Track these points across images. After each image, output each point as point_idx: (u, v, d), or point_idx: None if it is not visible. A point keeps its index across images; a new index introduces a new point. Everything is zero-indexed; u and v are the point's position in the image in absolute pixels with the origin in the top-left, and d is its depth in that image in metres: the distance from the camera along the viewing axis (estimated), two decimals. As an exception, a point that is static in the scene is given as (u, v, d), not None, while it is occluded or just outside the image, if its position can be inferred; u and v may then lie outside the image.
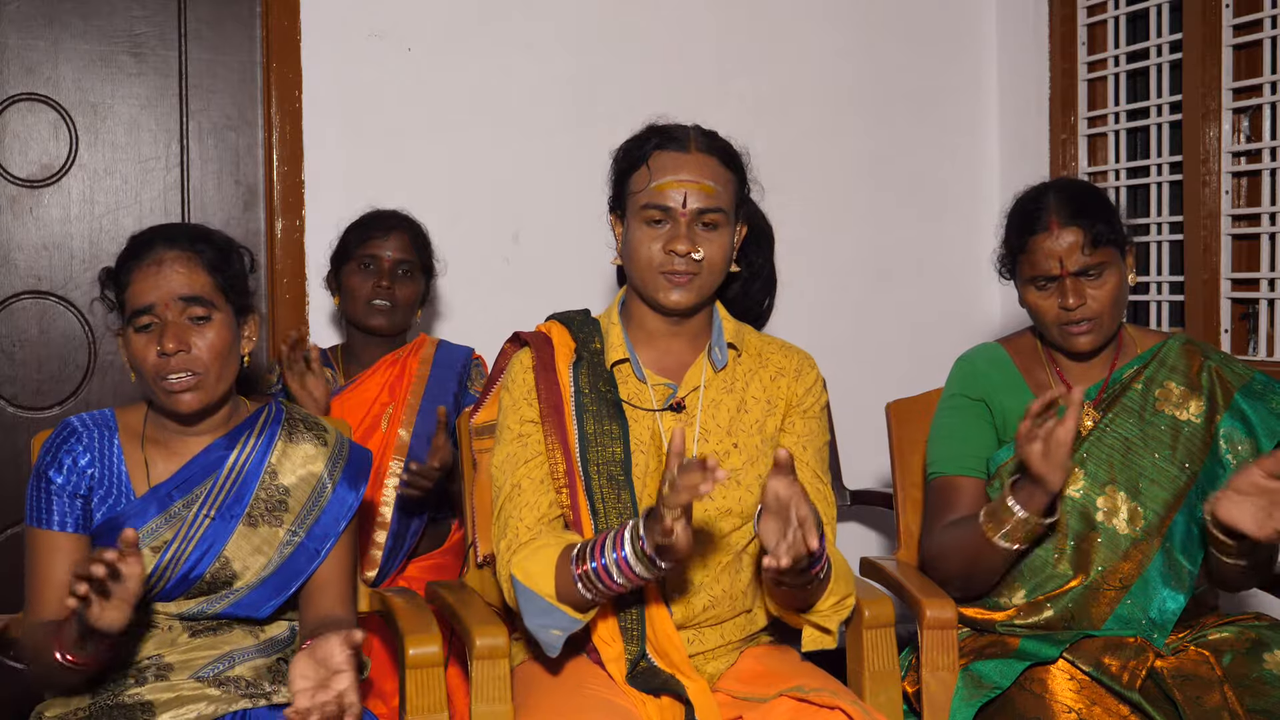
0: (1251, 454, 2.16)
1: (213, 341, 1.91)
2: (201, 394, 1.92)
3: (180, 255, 1.92)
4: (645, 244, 1.99)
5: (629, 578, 1.83)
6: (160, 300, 1.89)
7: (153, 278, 1.90)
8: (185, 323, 1.90)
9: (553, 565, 1.89)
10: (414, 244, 2.86)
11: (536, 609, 1.90)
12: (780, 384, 2.10)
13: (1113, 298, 2.16)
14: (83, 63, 3.16)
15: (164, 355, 1.88)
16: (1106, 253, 2.15)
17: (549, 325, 2.15)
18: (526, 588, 1.90)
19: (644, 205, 1.99)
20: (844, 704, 1.84)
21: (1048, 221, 2.15)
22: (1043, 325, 2.22)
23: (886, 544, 3.69)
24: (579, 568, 1.85)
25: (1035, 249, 2.16)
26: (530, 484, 2.01)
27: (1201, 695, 1.98)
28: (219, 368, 1.93)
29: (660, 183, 1.98)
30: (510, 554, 1.96)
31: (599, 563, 1.83)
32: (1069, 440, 1.95)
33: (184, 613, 1.96)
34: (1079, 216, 2.14)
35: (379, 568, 2.71)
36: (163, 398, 1.92)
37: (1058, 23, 3.56)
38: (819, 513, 2.04)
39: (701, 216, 1.98)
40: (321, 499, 2.03)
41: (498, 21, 3.37)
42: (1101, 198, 2.22)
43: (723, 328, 2.10)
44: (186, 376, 1.90)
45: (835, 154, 3.67)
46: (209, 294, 1.92)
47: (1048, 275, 2.16)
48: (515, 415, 2.05)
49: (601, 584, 1.84)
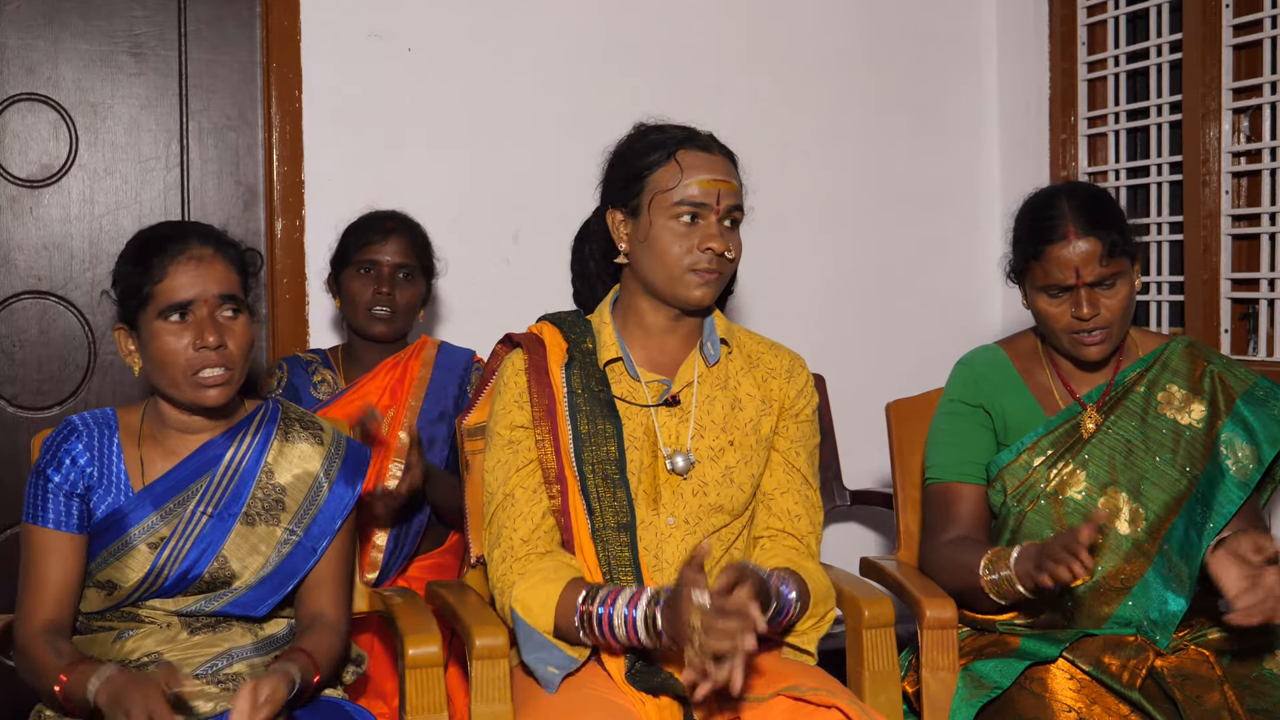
0: (1252, 460, 2.16)
1: (240, 338, 1.95)
2: (228, 389, 1.95)
3: (217, 253, 1.96)
4: (677, 242, 1.99)
5: (630, 637, 1.86)
6: (200, 296, 1.91)
7: (192, 273, 1.92)
8: (220, 320, 1.93)
9: (554, 602, 1.91)
10: (413, 246, 2.84)
11: (534, 644, 1.92)
12: (772, 385, 2.11)
13: (1124, 307, 2.15)
14: (83, 63, 3.16)
15: (203, 349, 1.90)
16: (1120, 262, 2.14)
17: (540, 326, 2.15)
18: (525, 623, 1.92)
19: (676, 202, 1.99)
20: (841, 703, 1.84)
21: (1065, 230, 2.12)
22: (1051, 332, 2.21)
23: (886, 544, 3.69)
24: (584, 607, 1.88)
25: (1050, 258, 2.13)
26: (523, 493, 2.01)
27: (1202, 695, 1.98)
28: (244, 364, 1.97)
29: (696, 180, 1.99)
30: (508, 578, 1.97)
31: (607, 610, 1.86)
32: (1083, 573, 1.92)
33: (182, 610, 1.96)
34: (1096, 226, 2.12)
35: (380, 569, 2.70)
36: (189, 391, 1.93)
37: (1058, 23, 3.55)
38: (810, 519, 2.07)
39: (731, 214, 2.02)
40: (318, 498, 2.03)
41: (498, 22, 3.37)
42: (1114, 205, 2.20)
43: (714, 324, 2.11)
44: (221, 371, 1.92)
45: (835, 154, 3.66)
46: (239, 292, 1.96)
47: (1062, 285, 2.14)
48: (505, 420, 2.06)
49: (601, 631, 1.87)
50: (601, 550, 1.99)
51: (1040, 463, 2.21)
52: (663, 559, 2.00)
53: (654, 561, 2.00)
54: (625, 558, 1.98)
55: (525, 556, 1.97)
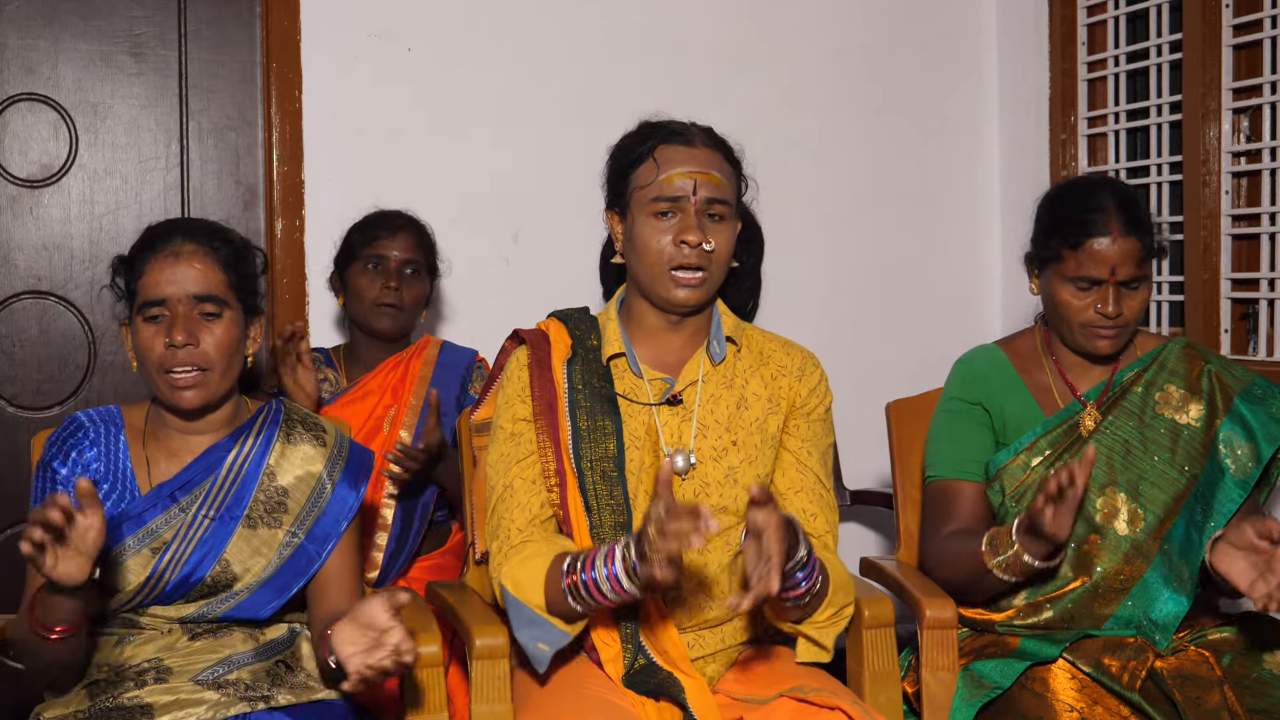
0: (1251, 458, 2.17)
1: (220, 338, 1.92)
2: (204, 391, 1.92)
3: (198, 250, 1.93)
4: (655, 238, 1.98)
5: (619, 593, 1.83)
6: (174, 295, 1.90)
7: (168, 270, 1.91)
8: (196, 317, 1.91)
9: (542, 576, 1.89)
10: (420, 244, 2.85)
11: (524, 620, 1.90)
12: (782, 383, 2.09)
13: (1142, 308, 2.19)
14: (83, 63, 3.16)
15: (171, 347, 1.88)
16: (1149, 266, 2.18)
17: (548, 323, 2.15)
18: (515, 598, 1.90)
19: (653, 198, 1.98)
20: (844, 704, 1.84)
21: (1109, 227, 2.13)
22: (1065, 322, 2.21)
23: (886, 544, 3.69)
24: (569, 578, 1.84)
25: (1089, 251, 2.14)
26: (522, 484, 2.01)
27: (1201, 696, 1.98)
28: (224, 365, 1.93)
29: (669, 174, 1.98)
30: (501, 560, 1.96)
31: (589, 575, 1.83)
32: (1076, 503, 1.93)
33: (184, 617, 1.96)
34: (1138, 228, 2.14)
35: (380, 569, 2.70)
36: (165, 391, 1.92)
37: (1058, 23, 3.55)
38: (826, 518, 2.05)
39: (710, 207, 1.98)
40: (321, 500, 2.02)
41: (498, 21, 3.37)
42: (1147, 208, 2.23)
43: (721, 322, 2.10)
44: (192, 371, 1.90)
45: (835, 154, 3.66)
46: (221, 292, 1.93)
47: (1094, 279, 2.14)
48: (508, 414, 2.05)
49: (590, 597, 1.84)
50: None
51: (1038, 463, 2.21)
52: (663, 560, 1.99)
53: (654, 562, 1.99)
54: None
55: (521, 544, 1.97)
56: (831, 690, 1.90)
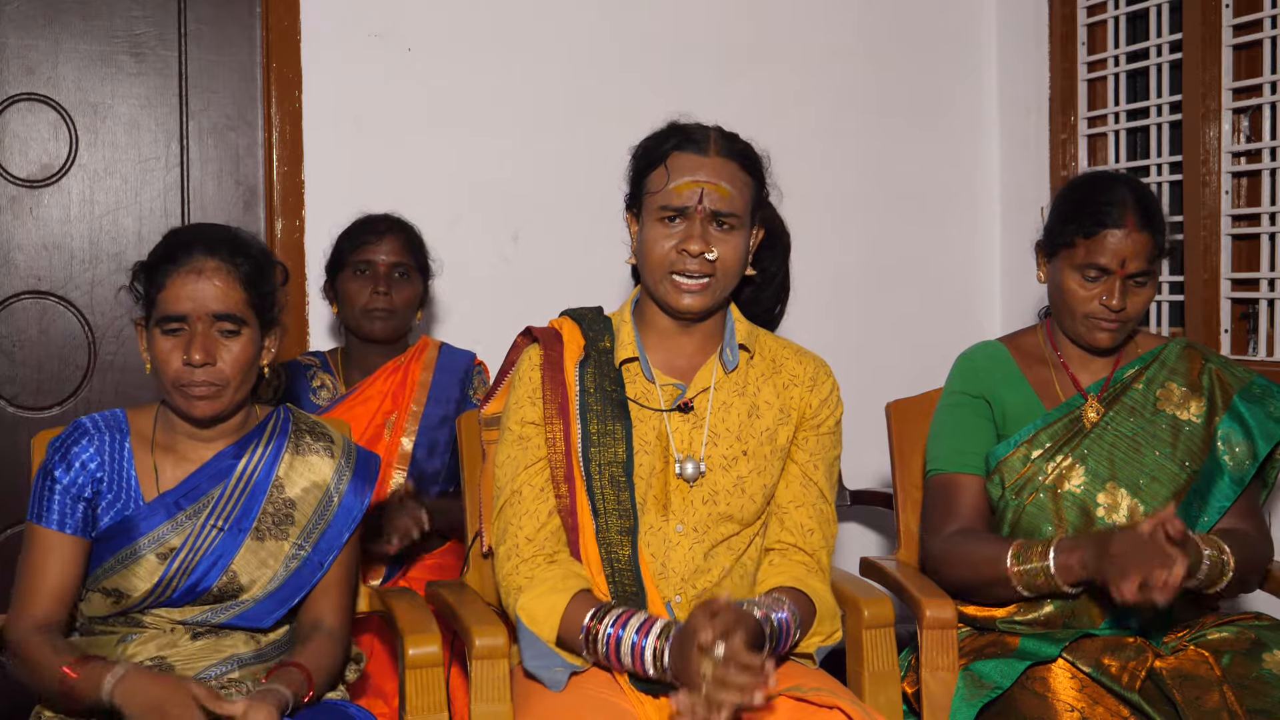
0: (1248, 456, 2.19)
1: (238, 356, 1.91)
2: (218, 403, 1.92)
3: (220, 267, 1.91)
4: (658, 243, 1.98)
5: (634, 665, 1.85)
6: (194, 312, 1.89)
7: (189, 287, 1.89)
8: (214, 335, 1.90)
9: (558, 614, 1.90)
10: (408, 246, 2.83)
11: (537, 652, 1.92)
12: (793, 393, 2.08)
13: (1145, 306, 2.21)
14: (83, 63, 3.16)
15: (189, 365, 1.88)
16: (1157, 264, 2.20)
17: (561, 321, 2.14)
18: (530, 631, 1.92)
19: (660, 206, 1.98)
20: (843, 704, 1.84)
21: (1125, 219, 2.16)
22: (1068, 310, 2.23)
23: (886, 544, 3.69)
24: (592, 623, 1.87)
25: (1102, 240, 2.16)
26: (530, 491, 2.01)
27: (1201, 696, 1.98)
28: (239, 380, 1.93)
29: (678, 183, 1.97)
30: (514, 580, 1.97)
31: (616, 631, 1.85)
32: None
33: (188, 620, 1.96)
34: (1152, 224, 2.17)
35: (383, 574, 2.71)
36: (179, 401, 1.92)
37: (1058, 23, 3.55)
38: (823, 533, 2.05)
39: (716, 218, 1.98)
40: (328, 512, 2.02)
41: (498, 21, 3.37)
42: (1162, 208, 2.25)
43: (735, 329, 2.09)
44: (208, 388, 1.90)
45: (836, 154, 3.66)
46: (241, 310, 1.91)
47: (1103, 269, 2.17)
48: (517, 415, 2.05)
49: (605, 649, 1.87)
50: (605, 553, 1.98)
51: (1038, 456, 2.22)
52: (669, 567, 1.99)
53: (660, 569, 1.99)
54: (626, 559, 1.97)
55: (532, 558, 1.97)
56: (830, 690, 1.89)
